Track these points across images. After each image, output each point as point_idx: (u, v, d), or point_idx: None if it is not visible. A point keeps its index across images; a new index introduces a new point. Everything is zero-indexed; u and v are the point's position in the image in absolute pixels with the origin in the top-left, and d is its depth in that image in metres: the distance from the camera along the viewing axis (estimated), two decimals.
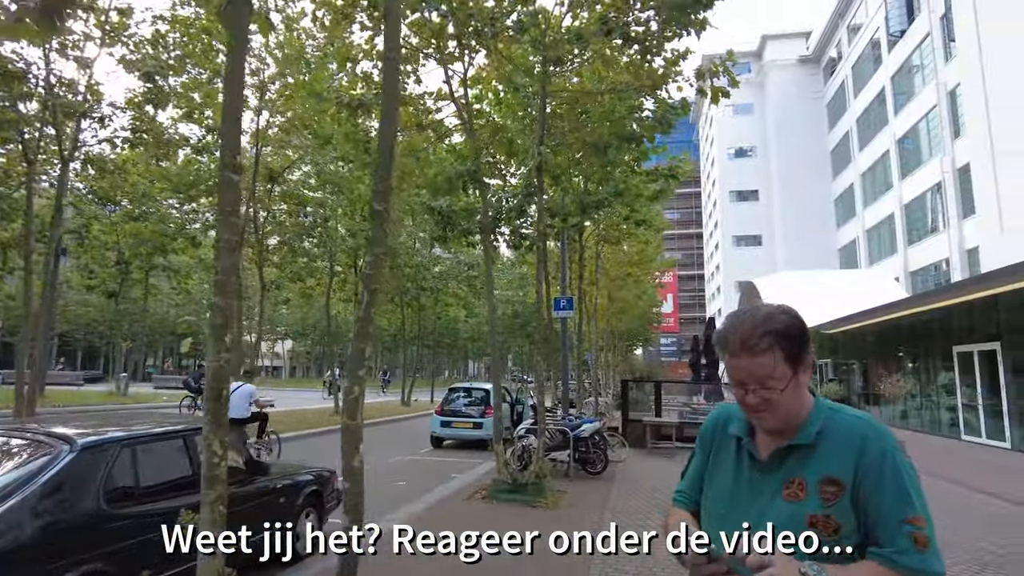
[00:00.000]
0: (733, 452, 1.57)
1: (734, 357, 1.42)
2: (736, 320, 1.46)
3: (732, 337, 1.43)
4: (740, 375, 1.42)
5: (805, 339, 1.43)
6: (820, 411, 1.47)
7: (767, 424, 1.45)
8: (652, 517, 7.50)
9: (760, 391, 1.40)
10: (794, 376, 1.41)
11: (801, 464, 1.43)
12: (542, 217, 8.78)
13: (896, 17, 33.85)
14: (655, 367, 50.92)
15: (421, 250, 25.62)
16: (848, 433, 1.42)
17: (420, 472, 11.40)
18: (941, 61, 29.13)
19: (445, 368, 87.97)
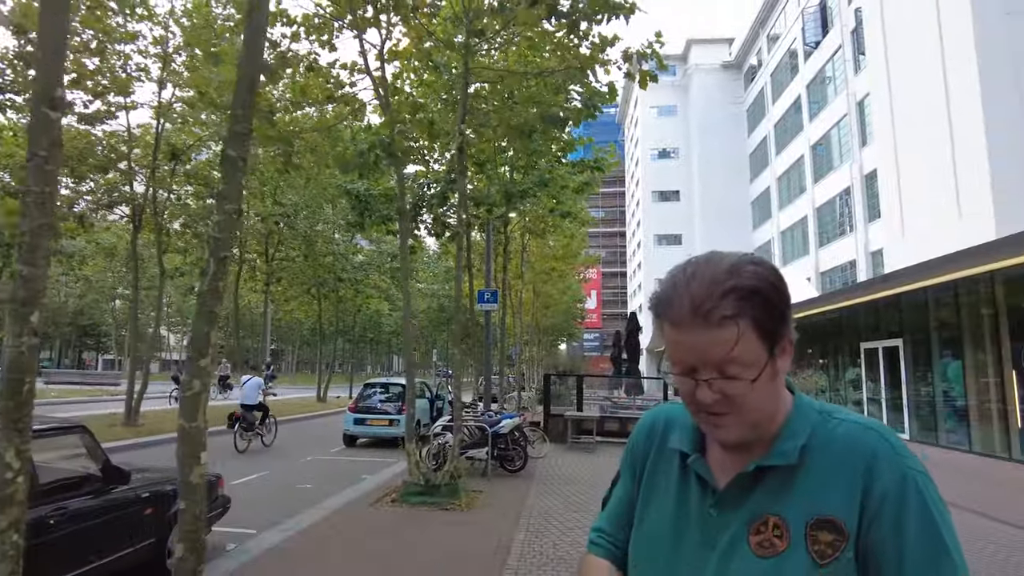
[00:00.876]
0: (676, 475, 1.08)
1: (679, 329, 0.92)
2: (684, 274, 0.95)
3: (678, 298, 0.92)
4: (688, 358, 0.93)
5: (785, 303, 0.95)
6: (804, 415, 1.00)
7: (727, 435, 0.96)
8: (569, 518, 7.17)
9: (719, 383, 0.92)
10: (770, 360, 0.93)
11: (778, 496, 0.96)
12: (463, 201, 8.27)
13: (812, 29, 35.24)
14: (578, 361, 51.46)
15: (340, 239, 24.54)
16: (849, 449, 0.94)
17: (328, 473, 10.70)
18: (851, 72, 30.49)
19: (368, 363, 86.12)
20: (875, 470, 0.91)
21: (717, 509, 1.00)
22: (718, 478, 1.02)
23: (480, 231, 16.59)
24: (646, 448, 1.16)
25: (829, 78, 33.72)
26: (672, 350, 0.96)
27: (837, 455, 0.95)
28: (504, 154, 11.69)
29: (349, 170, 7.49)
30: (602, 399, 20.23)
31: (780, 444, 0.97)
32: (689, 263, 0.97)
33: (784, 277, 0.96)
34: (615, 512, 1.20)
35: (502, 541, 6.18)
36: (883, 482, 0.91)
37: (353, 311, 29.06)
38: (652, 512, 1.10)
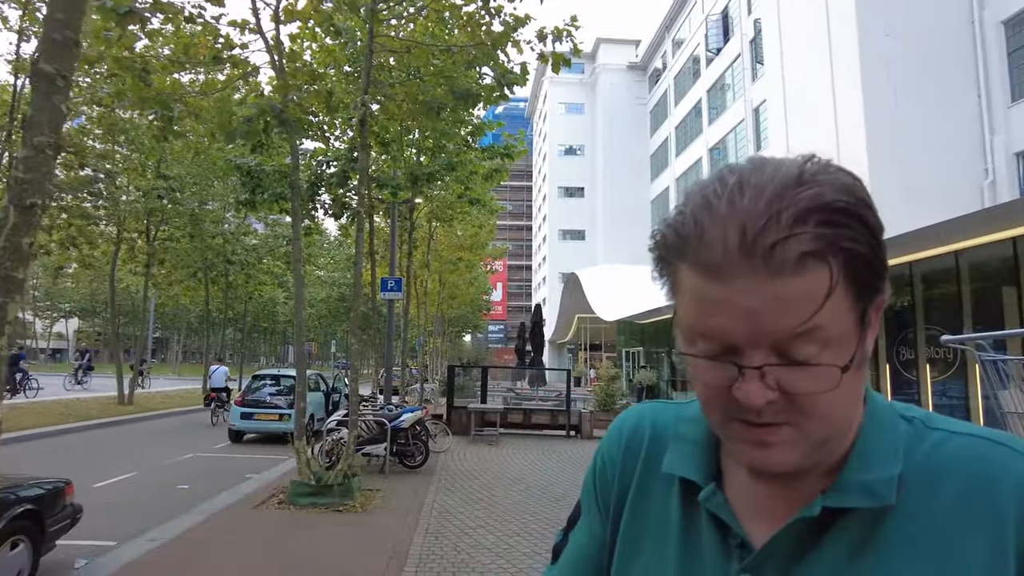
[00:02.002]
0: (676, 517, 0.70)
1: (718, 278, 0.55)
2: (722, 185, 0.56)
3: (715, 225, 0.55)
4: (731, 328, 0.55)
5: (882, 233, 0.57)
6: (886, 424, 0.63)
7: (783, 459, 0.58)
8: (471, 516, 6.82)
9: (781, 372, 0.55)
10: (861, 332, 0.57)
11: (862, 560, 0.58)
12: (364, 178, 7.69)
13: (714, 36, 36.63)
14: (483, 353, 51.30)
15: (231, 219, 22.88)
16: (979, 481, 0.57)
17: (209, 472, 9.80)
18: (749, 80, 31.94)
19: (261, 354, 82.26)
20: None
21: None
22: (750, 526, 0.64)
23: (384, 216, 15.90)
24: (625, 471, 0.77)
25: (728, 85, 35.21)
26: (699, 315, 0.57)
27: (958, 491, 0.58)
28: (410, 135, 11.13)
29: (235, 139, 6.73)
30: (506, 391, 20.05)
31: (856, 472, 0.60)
32: (727, 171, 0.58)
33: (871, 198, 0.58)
34: (575, 570, 0.79)
35: (399, 544, 5.74)
36: None
37: (244, 298, 27.27)
38: (641, 568, 0.71)
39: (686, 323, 0.59)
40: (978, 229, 10.08)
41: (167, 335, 71.68)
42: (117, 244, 18.64)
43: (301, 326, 7.55)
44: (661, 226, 0.60)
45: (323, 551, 5.54)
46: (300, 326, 7.52)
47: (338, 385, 15.60)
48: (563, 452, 11.89)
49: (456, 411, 14.09)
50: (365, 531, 6.21)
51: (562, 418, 14.46)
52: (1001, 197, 17.57)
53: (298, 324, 7.53)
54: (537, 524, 6.56)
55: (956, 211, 10.64)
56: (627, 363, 31.60)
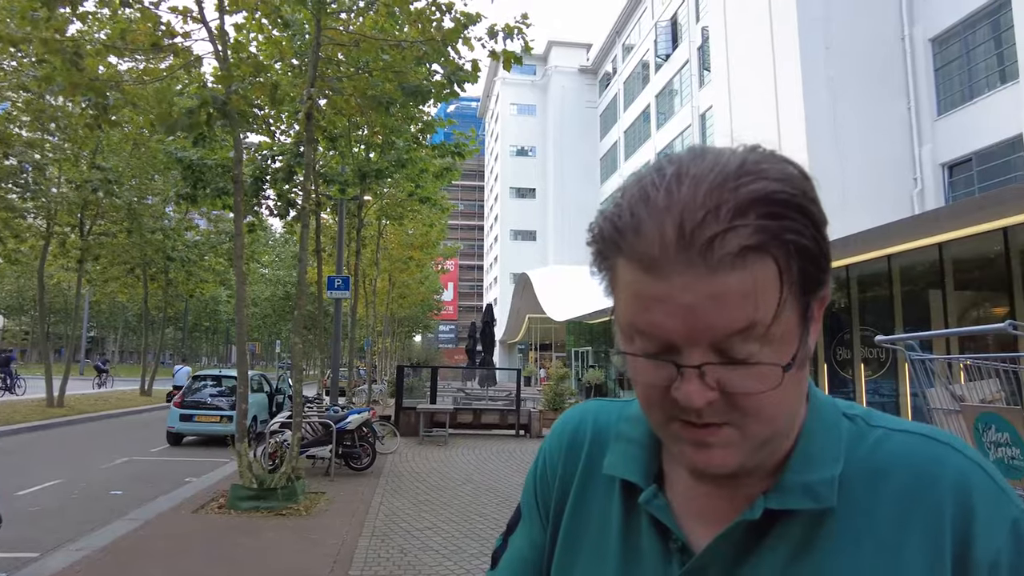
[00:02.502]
0: (616, 521, 0.68)
1: (655, 274, 0.52)
2: (659, 176, 0.53)
3: (652, 217, 0.52)
4: (668, 326, 0.52)
5: (826, 225, 0.55)
6: (828, 422, 0.62)
7: (724, 461, 0.56)
8: (419, 518, 6.75)
9: (722, 371, 0.53)
10: (804, 329, 0.55)
11: (803, 563, 0.57)
12: (310, 173, 7.51)
13: (663, 42, 37.37)
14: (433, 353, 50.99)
15: (172, 214, 22.04)
16: (919, 480, 0.57)
17: (146, 477, 9.41)
18: (696, 87, 32.71)
19: (203, 354, 79.75)
20: (974, 519, 0.54)
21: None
22: (691, 529, 0.62)
23: (332, 213, 15.60)
24: (566, 473, 0.74)
25: (676, 90, 35.96)
26: (637, 311, 0.54)
27: (899, 488, 0.57)
28: (359, 131, 10.95)
29: (176, 131, 6.46)
30: (456, 391, 19.95)
31: (798, 473, 0.58)
32: (666, 160, 0.55)
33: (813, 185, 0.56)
34: (517, 574, 0.75)
35: (344, 547, 5.62)
36: (989, 541, 0.54)
37: (186, 296, 26.33)
38: (580, 574, 0.68)
39: (624, 320, 0.56)
40: (907, 235, 10.57)
41: (103, 334, 68.70)
42: (47, 238, 17.72)
43: (243, 325, 7.32)
44: (598, 218, 0.57)
45: (265, 555, 5.38)
46: (242, 325, 7.30)
47: (282, 386, 15.23)
48: (512, 452, 11.90)
49: (405, 412, 13.94)
50: (309, 535, 6.06)
51: (512, 418, 14.48)
52: (928, 205, 18.48)
53: (239, 323, 7.31)
54: (485, 525, 6.54)
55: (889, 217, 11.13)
56: (576, 363, 31.92)
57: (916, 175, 19.46)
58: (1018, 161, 16.53)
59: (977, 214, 9.53)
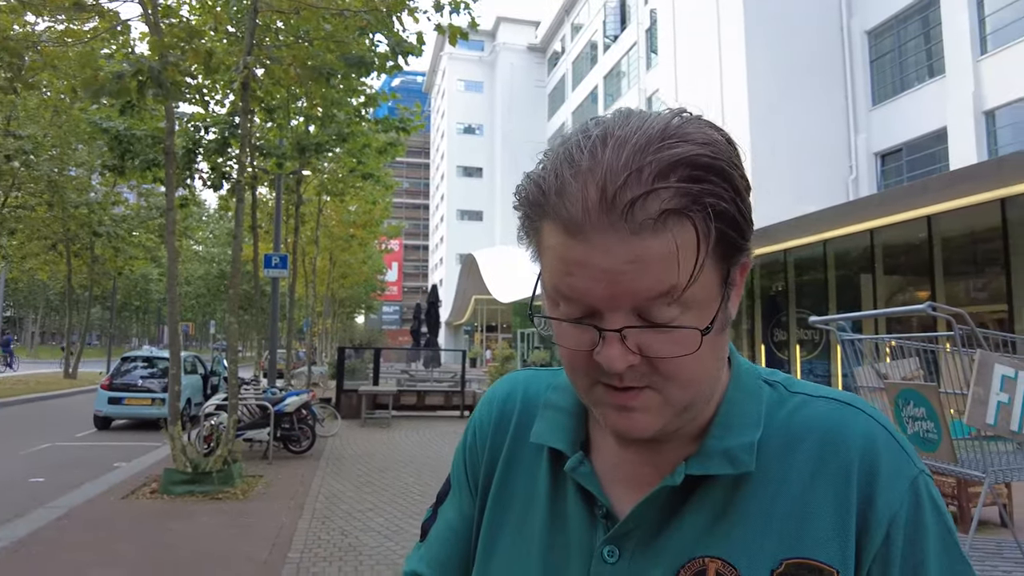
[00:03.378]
0: (544, 489, 0.68)
1: (579, 237, 0.51)
2: (585, 139, 0.53)
3: (576, 180, 0.51)
4: (591, 290, 0.52)
5: (748, 191, 0.55)
6: (749, 389, 0.63)
7: (645, 425, 0.56)
8: (360, 500, 6.65)
9: (642, 335, 0.53)
10: (724, 295, 0.56)
11: (720, 527, 0.59)
12: (245, 145, 7.19)
13: (612, 23, 37.46)
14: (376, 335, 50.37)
15: (98, 186, 20.85)
16: (831, 444, 0.59)
17: (70, 463, 8.97)
18: (644, 69, 32.98)
19: (133, 335, 76.58)
20: (877, 476, 0.57)
21: (617, 548, 0.60)
22: (616, 496, 0.63)
23: (270, 188, 15.07)
24: (495, 443, 0.73)
25: (624, 72, 36.19)
26: (560, 275, 0.54)
27: (812, 453, 0.59)
28: (298, 102, 10.53)
29: (101, 97, 6.04)
30: (399, 372, 19.75)
31: (719, 439, 0.60)
32: (592, 123, 0.55)
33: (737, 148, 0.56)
34: (444, 550, 0.75)
35: (283, 530, 5.49)
36: (890, 496, 0.56)
37: (114, 273, 25.05)
38: (505, 549, 0.68)
39: (549, 284, 0.56)
40: (841, 221, 10.98)
41: (21, 314, 64.90)
42: None
43: (175, 303, 7.00)
44: (524, 181, 0.57)
45: (201, 541, 5.19)
46: (174, 303, 6.97)
47: (217, 368, 14.74)
48: (457, 433, 11.87)
49: (346, 394, 13.70)
50: (247, 518, 5.89)
51: (456, 399, 14.44)
52: (862, 192, 19.24)
53: (171, 301, 6.97)
54: (428, 505, 6.48)
55: (825, 203, 11.52)
56: (522, 344, 32.10)
57: (852, 163, 20.21)
58: (942, 152, 17.36)
59: (904, 202, 9.98)
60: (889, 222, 10.39)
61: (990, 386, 3.25)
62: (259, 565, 4.66)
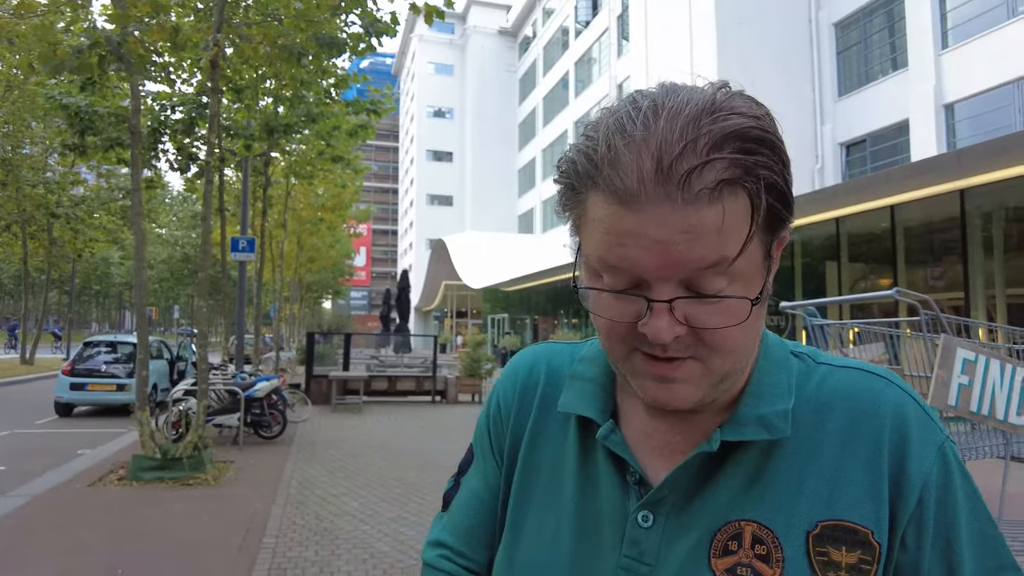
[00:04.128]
0: (573, 457, 0.69)
1: (631, 206, 0.51)
2: (634, 108, 0.53)
3: (629, 150, 0.51)
4: (642, 260, 0.52)
5: (791, 170, 0.56)
6: (778, 360, 0.65)
7: (686, 395, 0.58)
8: (334, 484, 6.63)
9: (689, 306, 0.54)
10: (768, 267, 0.57)
11: (753, 491, 0.60)
12: (214, 125, 7.02)
13: (584, 8, 37.36)
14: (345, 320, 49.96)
15: (56, 165, 20.11)
16: (860, 410, 0.61)
17: (32, 450, 8.74)
18: (615, 56, 33.01)
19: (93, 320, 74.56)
20: (908, 443, 0.59)
21: (652, 514, 0.62)
22: (647, 463, 0.64)
23: (236, 170, 14.76)
24: (520, 413, 0.74)
25: (595, 59, 36.17)
26: (609, 246, 0.54)
27: (843, 421, 0.61)
28: (266, 82, 10.31)
29: (61, 72, 5.82)
30: (369, 358, 19.61)
31: (752, 407, 0.61)
32: (638, 95, 0.55)
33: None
34: (468, 518, 0.76)
35: (257, 516, 5.45)
36: (920, 462, 0.58)
37: (73, 256, 24.27)
38: (534, 518, 0.69)
39: (594, 255, 0.56)
40: (808, 209, 11.21)
41: None
42: None
43: (142, 287, 6.83)
44: (570, 152, 0.57)
45: (173, 527, 5.13)
46: (141, 287, 6.81)
47: (184, 353, 14.46)
48: (428, 417, 11.89)
49: (316, 380, 13.59)
50: (219, 504, 5.83)
51: (428, 384, 14.43)
52: (828, 181, 19.65)
53: (139, 284, 6.81)
54: (402, 489, 6.50)
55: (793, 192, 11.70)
56: (493, 329, 32.16)
57: (818, 152, 20.60)
58: (904, 144, 17.81)
59: (869, 191, 10.23)
60: (854, 211, 10.66)
61: (952, 369, 3.38)
62: (234, 551, 4.63)
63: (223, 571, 4.27)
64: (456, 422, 11.31)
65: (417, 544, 4.83)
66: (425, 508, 5.80)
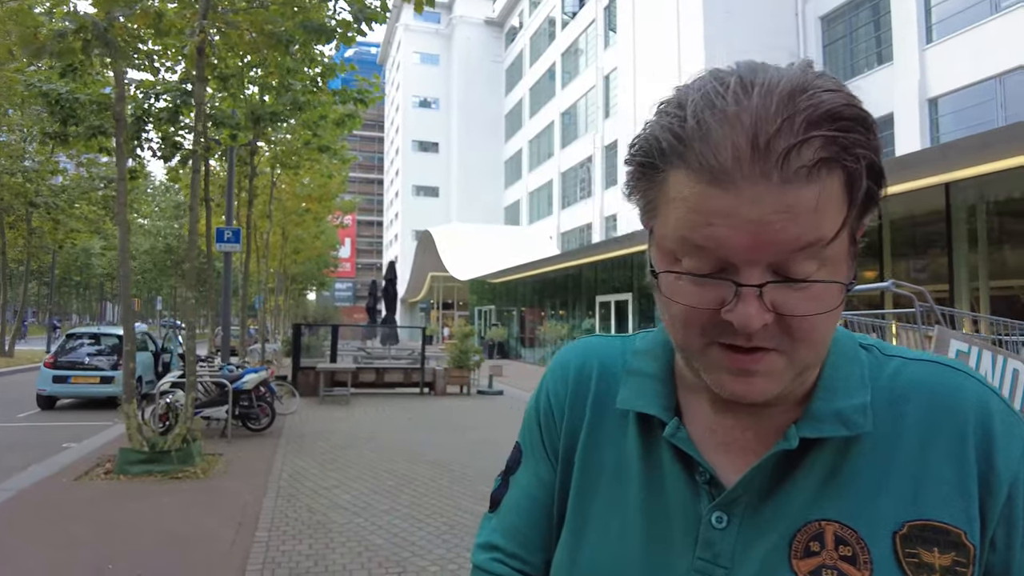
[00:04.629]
0: (636, 456, 0.66)
1: (722, 183, 0.49)
2: (720, 86, 0.50)
3: (723, 125, 0.48)
4: (730, 241, 0.50)
5: (881, 151, 0.53)
6: (848, 354, 0.62)
7: (766, 388, 0.55)
8: (325, 477, 6.60)
9: (780, 292, 0.51)
10: (853, 253, 0.55)
11: (833, 488, 0.58)
12: (201, 113, 6.90)
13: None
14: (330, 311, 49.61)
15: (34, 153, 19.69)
16: (942, 404, 0.58)
17: (14, 444, 8.61)
18: (602, 47, 32.94)
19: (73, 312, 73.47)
20: (994, 439, 0.56)
21: (726, 515, 0.59)
22: (715, 462, 0.61)
23: (220, 160, 14.56)
24: (574, 411, 0.71)
25: (582, 50, 36.07)
26: (694, 226, 0.51)
27: (922, 416, 0.58)
28: (252, 71, 10.14)
29: (42, 57, 5.68)
30: (356, 350, 19.52)
31: (827, 401, 0.58)
32: (720, 71, 0.52)
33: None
34: (522, 519, 0.72)
35: (249, 509, 5.41)
36: (1008, 457, 0.55)
37: (53, 247, 23.83)
38: (598, 519, 0.66)
39: (674, 236, 0.53)
40: None
41: None
42: None
43: (127, 277, 6.73)
44: (652, 129, 0.54)
45: (163, 521, 5.07)
46: (126, 278, 6.70)
47: (169, 345, 14.30)
48: (417, 409, 11.86)
49: (303, 371, 13.51)
50: (210, 497, 5.78)
51: (416, 376, 14.39)
52: None
53: (124, 276, 6.70)
54: (394, 481, 6.49)
55: None
56: (479, 321, 32.12)
57: None
58: (888, 138, 17.96)
59: None
60: None
61: None
62: (227, 545, 4.59)
63: (216, 566, 4.24)
64: (445, 414, 11.30)
65: (411, 537, 4.82)
66: (418, 500, 5.79)
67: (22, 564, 4.22)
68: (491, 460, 7.47)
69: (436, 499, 5.85)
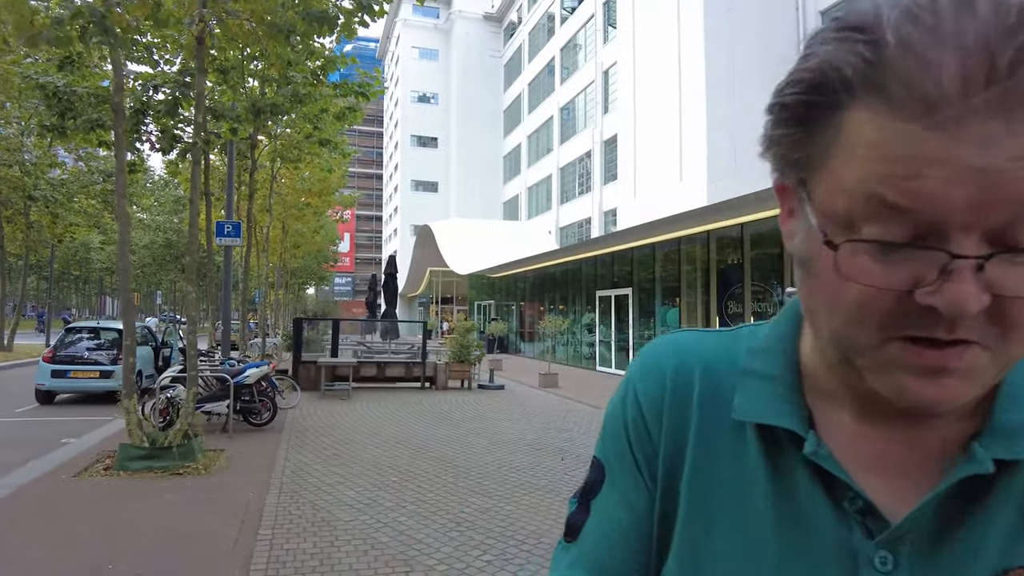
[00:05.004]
0: (761, 478, 0.52)
1: (935, 124, 0.35)
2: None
3: (947, 40, 0.34)
4: (944, 194, 0.35)
5: None
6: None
7: (960, 393, 0.41)
8: (328, 472, 6.53)
9: (1005, 266, 0.36)
10: None
11: None
12: (201, 104, 6.81)
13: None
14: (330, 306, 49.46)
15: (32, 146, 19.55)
16: None
17: (12, 440, 8.54)
18: (601, 42, 32.78)
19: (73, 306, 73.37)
20: None
21: (890, 554, 0.47)
22: (864, 484, 0.48)
23: (220, 154, 14.46)
24: (674, 420, 0.58)
25: (580, 45, 35.92)
26: (892, 181, 0.37)
27: None
28: (252, 63, 10.05)
29: (39, 44, 5.58)
30: (356, 344, 19.46)
31: (1015, 412, 0.47)
32: None
33: None
34: (609, 551, 0.59)
35: (252, 506, 5.34)
36: None
37: (52, 241, 23.69)
38: (719, 557, 0.53)
39: (859, 194, 0.39)
40: None
41: None
42: None
43: (127, 271, 6.64)
44: (827, 55, 0.40)
45: (164, 519, 5.00)
46: (126, 271, 6.62)
47: (168, 339, 14.22)
48: (418, 403, 11.80)
49: (304, 365, 13.45)
50: (212, 494, 5.71)
51: (417, 370, 14.33)
52: None
53: (124, 270, 6.62)
54: (398, 477, 6.42)
55: None
56: (479, 315, 32.07)
57: None
58: None
59: None
60: None
61: None
62: (230, 543, 4.52)
63: (220, 565, 4.17)
64: (446, 408, 11.24)
65: (417, 534, 4.76)
66: (423, 496, 5.73)
67: (21, 564, 4.16)
68: (495, 455, 7.42)
69: (441, 495, 5.79)
